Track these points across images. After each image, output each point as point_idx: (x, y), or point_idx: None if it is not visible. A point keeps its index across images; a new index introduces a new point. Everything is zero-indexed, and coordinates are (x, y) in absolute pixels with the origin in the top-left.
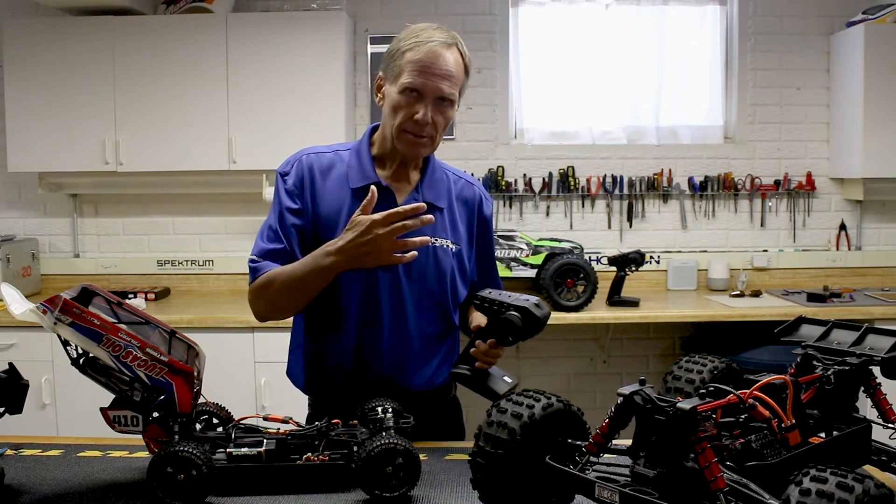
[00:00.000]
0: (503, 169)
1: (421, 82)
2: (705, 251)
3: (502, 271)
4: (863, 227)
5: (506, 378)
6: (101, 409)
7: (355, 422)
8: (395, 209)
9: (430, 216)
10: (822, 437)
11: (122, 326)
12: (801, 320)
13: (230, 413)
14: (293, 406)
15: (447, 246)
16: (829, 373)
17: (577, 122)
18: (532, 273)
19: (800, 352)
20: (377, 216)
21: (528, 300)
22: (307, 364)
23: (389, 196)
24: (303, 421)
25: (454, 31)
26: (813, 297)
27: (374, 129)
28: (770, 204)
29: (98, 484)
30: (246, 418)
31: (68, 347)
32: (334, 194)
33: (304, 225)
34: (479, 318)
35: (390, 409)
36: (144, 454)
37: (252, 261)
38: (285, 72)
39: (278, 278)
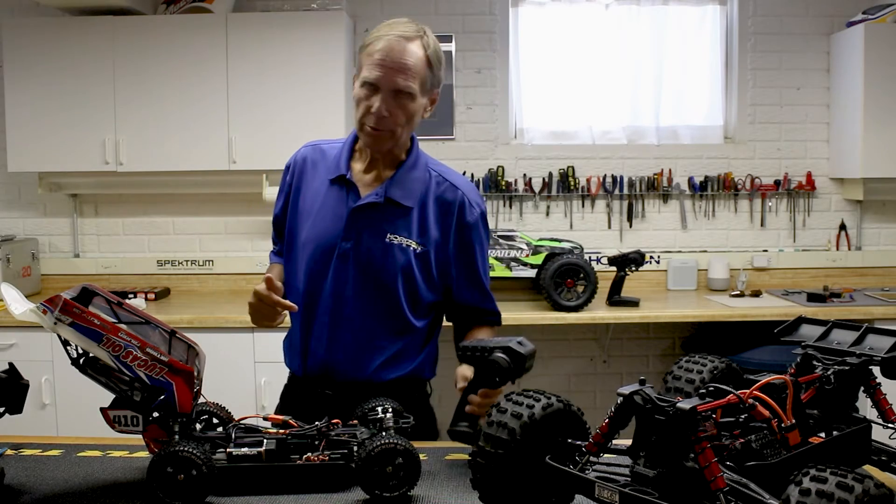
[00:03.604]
0: (503, 169)
1: (375, 75)
2: (705, 251)
3: (502, 271)
4: (863, 227)
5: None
6: (101, 409)
7: (355, 422)
8: (269, 297)
9: (293, 305)
10: (822, 437)
11: (122, 326)
12: (801, 320)
13: (230, 413)
14: None
15: (407, 244)
16: (829, 373)
17: (577, 122)
18: (532, 273)
19: (800, 352)
20: (259, 289)
21: (510, 340)
22: (286, 347)
23: (354, 190)
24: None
25: (455, 30)
26: (813, 297)
27: None
28: (770, 204)
29: (98, 484)
30: (246, 418)
31: (68, 347)
32: (316, 186)
33: (283, 220)
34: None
35: (390, 409)
36: (144, 454)
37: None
38: (285, 72)
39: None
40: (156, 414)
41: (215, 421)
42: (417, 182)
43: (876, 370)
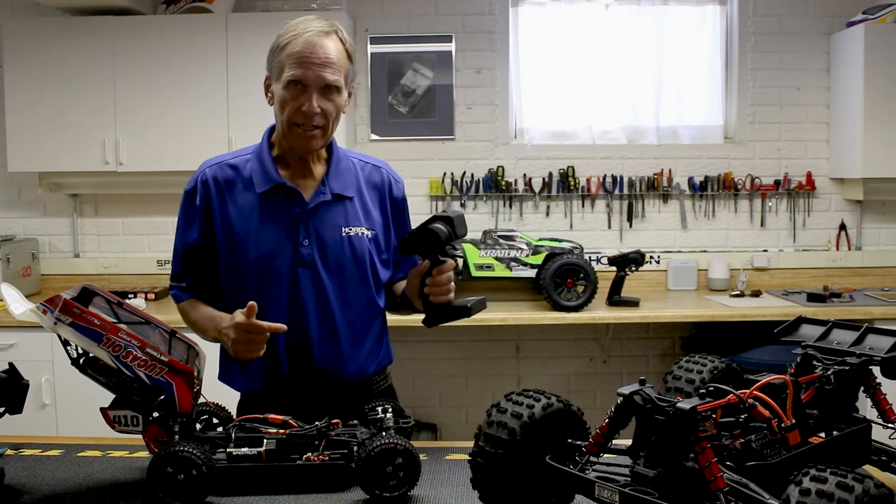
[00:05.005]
0: (503, 169)
1: (302, 73)
2: (705, 251)
3: (502, 271)
4: (863, 227)
5: (470, 298)
6: (101, 409)
7: (355, 422)
8: (258, 325)
9: (282, 325)
10: (822, 437)
11: (122, 326)
12: (801, 320)
13: (230, 413)
14: None
15: (361, 233)
16: (829, 373)
17: (577, 122)
18: (532, 273)
19: (800, 352)
20: (241, 321)
21: (436, 215)
22: (240, 366)
23: (296, 195)
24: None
25: (455, 30)
26: (813, 297)
27: (272, 130)
28: (770, 204)
29: (98, 484)
30: (246, 418)
31: (68, 347)
32: (242, 202)
33: (204, 246)
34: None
35: (390, 409)
36: (144, 454)
37: (169, 285)
38: None
39: (189, 316)
40: (156, 414)
41: (215, 421)
42: (348, 172)
43: (876, 370)
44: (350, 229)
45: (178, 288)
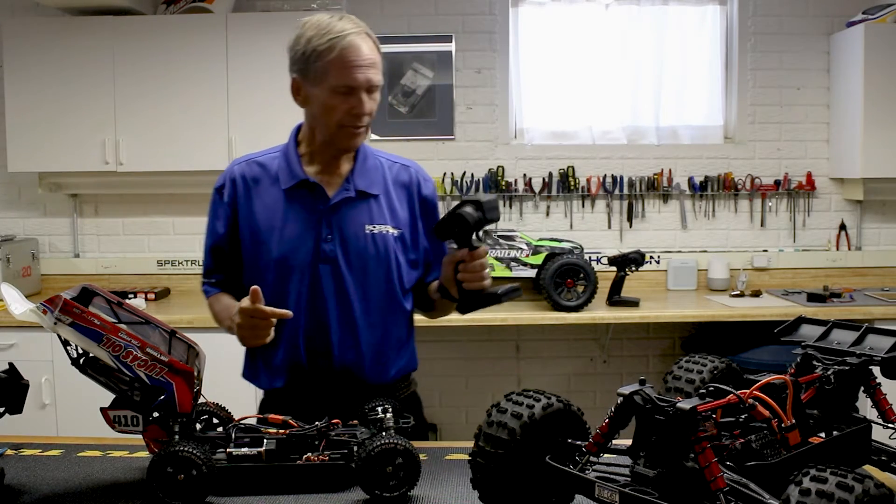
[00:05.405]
0: (503, 169)
1: (353, 79)
2: (705, 251)
3: (502, 271)
4: (863, 227)
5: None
6: (101, 409)
7: (355, 422)
8: (262, 311)
9: (287, 311)
10: (822, 437)
11: (122, 326)
12: (801, 320)
13: (230, 413)
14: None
15: (386, 232)
16: (829, 373)
17: (577, 122)
18: (532, 273)
19: (800, 352)
20: (246, 306)
21: (465, 198)
22: (263, 362)
23: (320, 191)
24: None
25: (455, 30)
26: (813, 297)
27: (300, 128)
28: (770, 204)
29: (98, 484)
30: (246, 418)
31: (68, 347)
32: (268, 198)
33: (230, 242)
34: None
35: (390, 409)
36: (144, 454)
37: (202, 281)
38: (285, 72)
39: (213, 309)
40: (156, 414)
41: (215, 421)
42: (375, 171)
43: (876, 370)
44: (374, 227)
45: (208, 284)
